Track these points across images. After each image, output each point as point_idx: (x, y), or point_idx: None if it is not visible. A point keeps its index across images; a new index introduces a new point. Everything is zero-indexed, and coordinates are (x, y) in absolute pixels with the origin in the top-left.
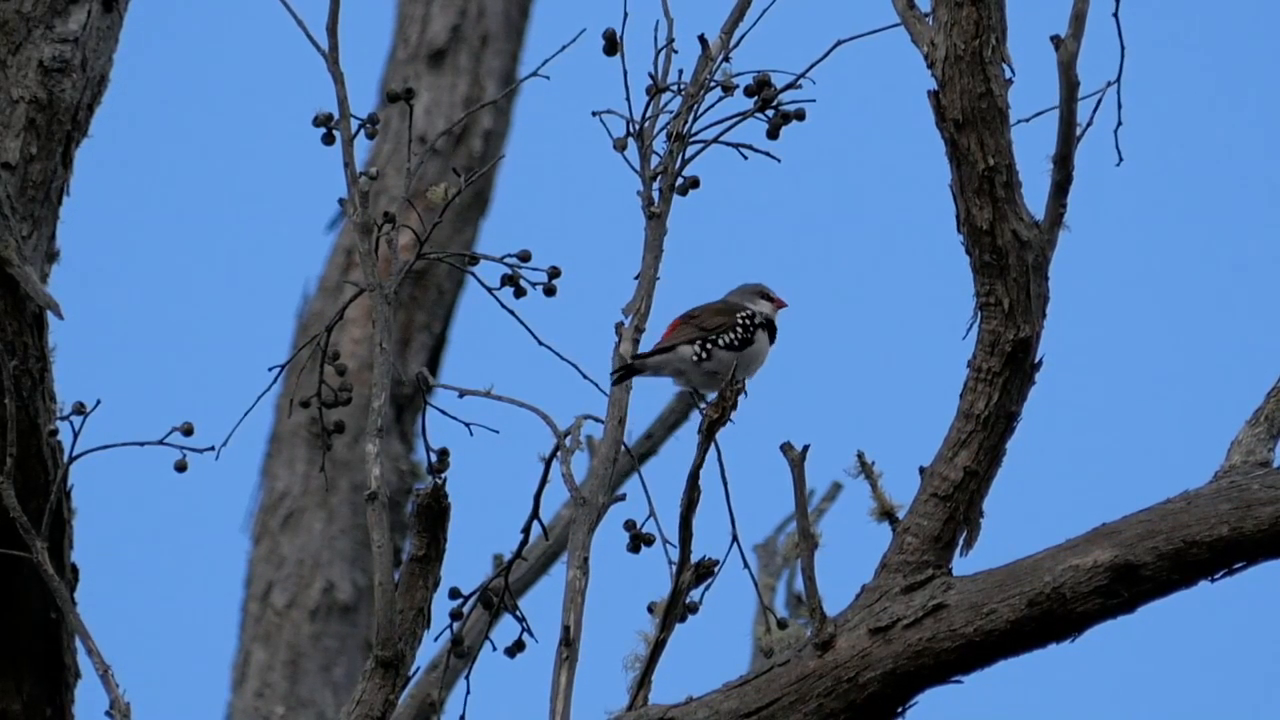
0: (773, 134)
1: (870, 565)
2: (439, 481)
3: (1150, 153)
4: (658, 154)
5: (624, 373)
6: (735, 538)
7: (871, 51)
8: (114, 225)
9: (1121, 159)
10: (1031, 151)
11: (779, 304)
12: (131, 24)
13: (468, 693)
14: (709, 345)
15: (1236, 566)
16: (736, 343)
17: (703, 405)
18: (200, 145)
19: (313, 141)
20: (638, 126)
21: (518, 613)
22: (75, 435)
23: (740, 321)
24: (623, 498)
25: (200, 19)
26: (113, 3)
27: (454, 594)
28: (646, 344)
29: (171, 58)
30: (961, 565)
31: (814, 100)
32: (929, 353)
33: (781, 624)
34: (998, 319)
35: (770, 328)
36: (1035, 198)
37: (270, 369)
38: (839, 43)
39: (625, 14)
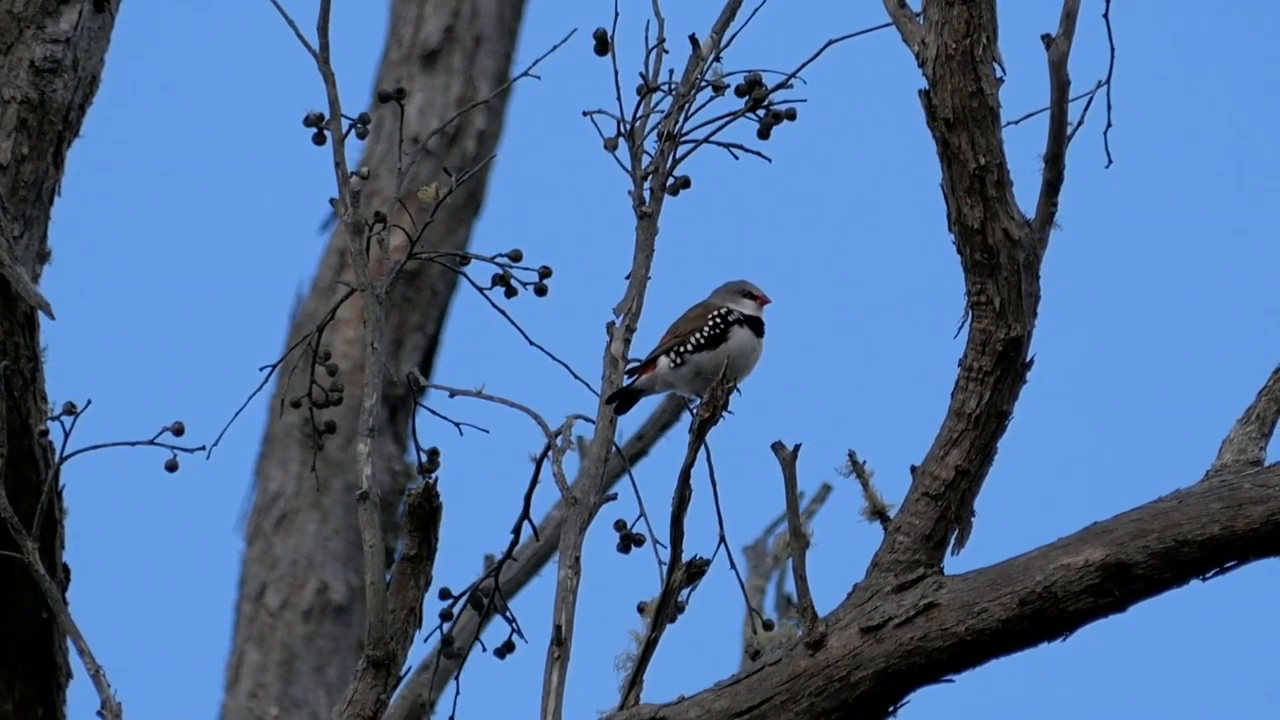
0: (764, 134)
1: (861, 565)
2: (430, 481)
3: (1141, 152)
4: (649, 154)
5: (621, 402)
6: (723, 538)
7: (862, 51)
8: (106, 225)
9: (1111, 160)
10: (1022, 150)
11: (762, 300)
12: (123, 24)
13: (457, 693)
14: (682, 351)
15: (1228, 565)
16: (703, 341)
17: (693, 406)
18: (192, 145)
19: (304, 142)
20: (629, 126)
21: (508, 613)
22: (66, 435)
23: (710, 320)
24: (614, 498)
25: (191, 19)
26: (104, 3)
27: (444, 594)
28: (638, 348)
29: (163, 58)
30: (953, 564)
31: (805, 100)
32: (920, 352)
33: (768, 625)
34: (989, 318)
35: (754, 324)
36: (1026, 197)
37: (262, 369)
38: (830, 42)
39: (616, 14)
